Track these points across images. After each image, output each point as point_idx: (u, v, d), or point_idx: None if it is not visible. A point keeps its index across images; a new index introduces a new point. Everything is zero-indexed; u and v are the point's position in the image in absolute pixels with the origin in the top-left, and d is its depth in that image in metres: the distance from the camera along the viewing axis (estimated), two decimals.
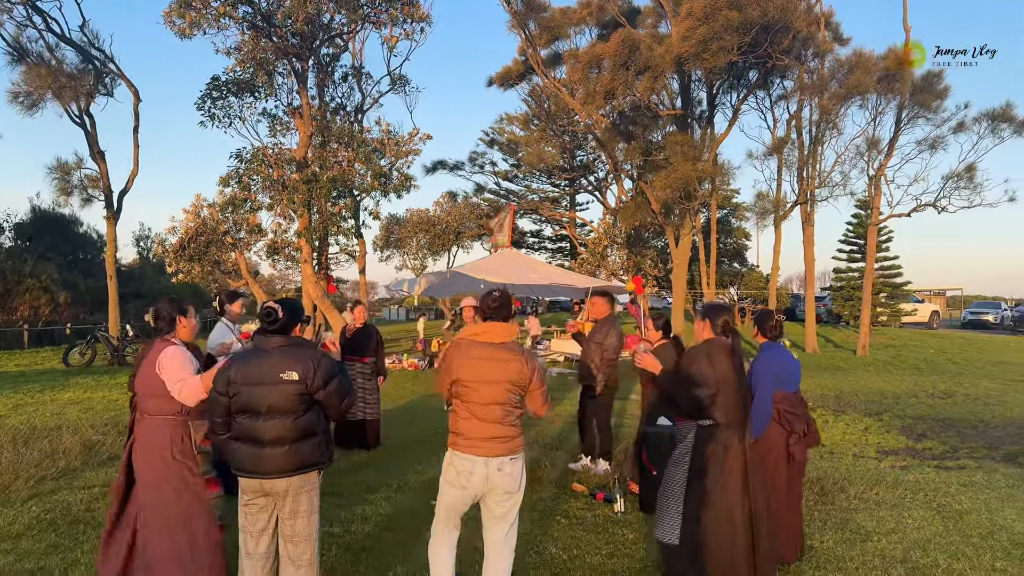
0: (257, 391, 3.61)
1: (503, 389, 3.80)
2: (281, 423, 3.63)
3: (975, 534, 5.64)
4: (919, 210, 21.34)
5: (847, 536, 5.56)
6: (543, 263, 25.22)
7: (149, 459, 4.01)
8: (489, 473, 3.80)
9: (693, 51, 15.86)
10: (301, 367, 3.64)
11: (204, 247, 17.17)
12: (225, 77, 17.39)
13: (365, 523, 5.74)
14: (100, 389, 13.71)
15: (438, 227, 47.59)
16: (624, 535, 5.56)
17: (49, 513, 5.85)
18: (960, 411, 12.79)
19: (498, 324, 3.95)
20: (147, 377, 4.02)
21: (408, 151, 18.22)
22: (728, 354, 4.29)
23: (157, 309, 4.23)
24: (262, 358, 3.68)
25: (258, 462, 3.64)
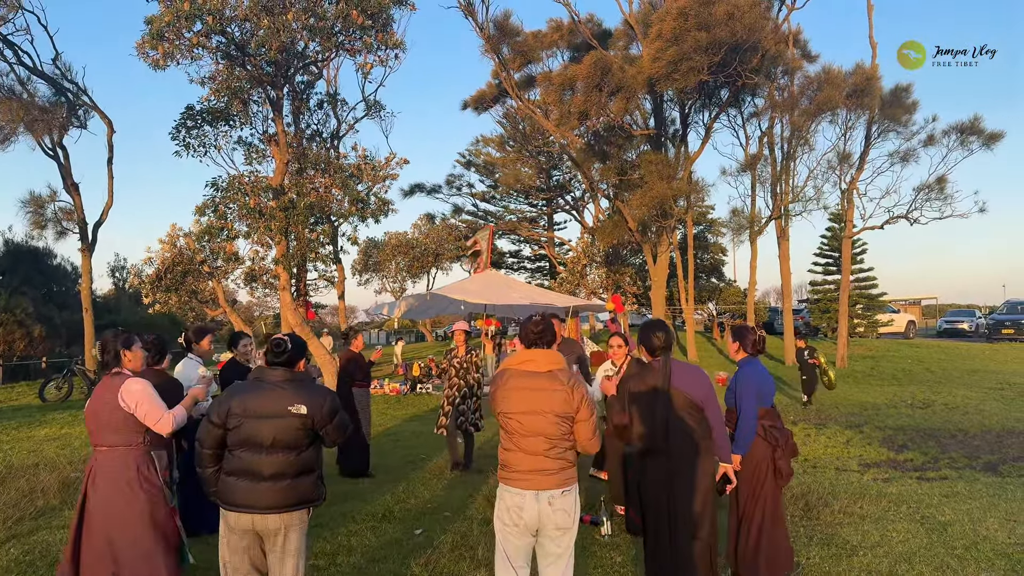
0: (262, 424, 3.58)
1: (548, 421, 3.60)
2: (284, 458, 3.61)
3: (959, 545, 5.69)
4: (892, 222, 21.67)
5: (833, 552, 5.59)
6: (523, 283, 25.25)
7: (115, 491, 3.97)
8: (540, 508, 3.60)
9: (664, 72, 16.06)
10: (311, 401, 3.64)
11: (181, 277, 17.02)
12: (200, 106, 17.30)
13: (351, 554, 5.68)
14: (77, 424, 13.51)
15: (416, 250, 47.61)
16: (612, 558, 5.55)
17: (28, 555, 5.74)
18: (939, 421, 12.94)
19: (542, 351, 3.76)
20: (107, 408, 4.00)
21: (385, 176, 18.16)
22: (655, 377, 4.25)
23: (103, 343, 4.23)
24: (267, 391, 3.65)
25: (254, 497, 3.58)
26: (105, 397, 4.03)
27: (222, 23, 14.41)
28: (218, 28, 14.43)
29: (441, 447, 10.39)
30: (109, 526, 3.97)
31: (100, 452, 4.04)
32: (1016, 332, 30.12)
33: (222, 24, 14.40)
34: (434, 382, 18.47)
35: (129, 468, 4.00)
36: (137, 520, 3.98)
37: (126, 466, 4.00)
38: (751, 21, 15.75)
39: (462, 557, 5.52)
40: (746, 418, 4.81)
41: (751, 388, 4.91)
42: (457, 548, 5.75)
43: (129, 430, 4.00)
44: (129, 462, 4.01)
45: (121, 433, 4.00)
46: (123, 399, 3.99)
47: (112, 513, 3.96)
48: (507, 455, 3.69)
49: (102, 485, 3.99)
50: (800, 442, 10.81)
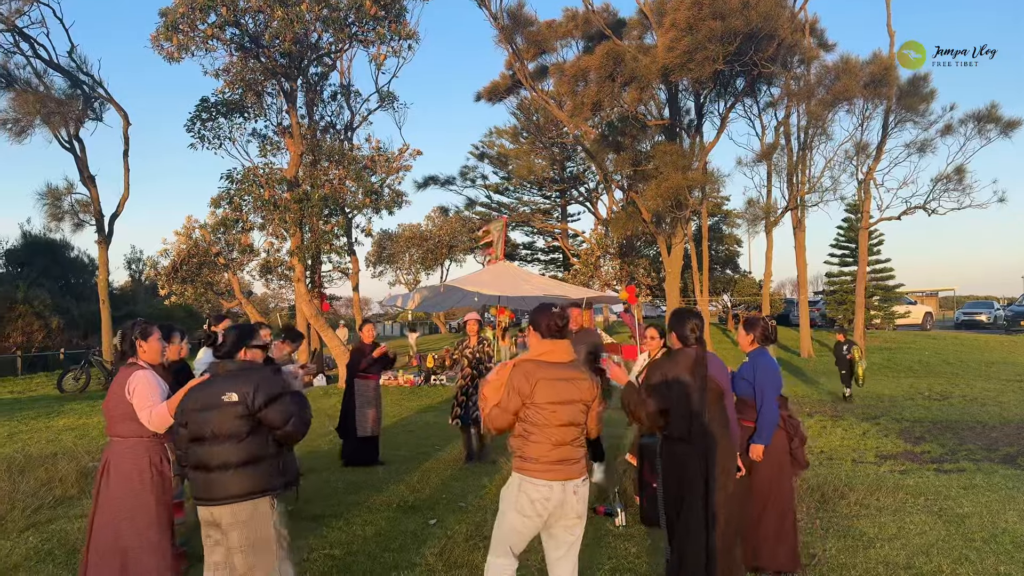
0: (202, 416, 3.58)
1: (578, 410, 3.68)
2: (225, 447, 3.57)
3: (977, 538, 5.64)
4: (909, 213, 21.46)
5: (850, 543, 5.54)
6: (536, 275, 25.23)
7: (126, 480, 3.99)
8: (565, 497, 3.62)
9: (678, 61, 15.94)
10: (241, 388, 3.59)
11: (196, 269, 17.12)
12: (214, 98, 17.40)
13: (366, 543, 5.70)
14: (95, 414, 13.62)
15: (430, 242, 47.69)
16: (626, 549, 5.53)
17: (46, 543, 5.79)
18: (957, 413, 12.83)
19: (563, 342, 3.78)
20: (117, 400, 4.04)
21: (399, 167, 18.20)
22: (689, 365, 4.22)
23: (122, 333, 4.23)
24: (210, 384, 3.68)
25: (206, 488, 3.58)
26: (116, 388, 4.07)
27: (236, 14, 14.47)
28: (232, 19, 14.50)
29: (454, 438, 10.41)
30: (119, 516, 3.99)
31: (114, 442, 4.08)
32: None
33: (236, 15, 14.46)
34: (447, 373, 18.48)
35: (140, 458, 4.02)
36: (144, 511, 4.00)
37: (137, 456, 4.02)
38: (766, 9, 15.61)
39: (476, 547, 5.52)
40: (769, 408, 4.80)
41: (771, 378, 4.91)
42: (471, 538, 5.75)
43: (139, 421, 4.02)
44: (140, 452, 4.03)
45: (132, 423, 4.02)
46: (127, 389, 4.01)
47: (122, 503, 3.99)
48: (532, 447, 3.64)
49: (114, 475, 4.02)
50: (816, 434, 10.77)
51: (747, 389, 4.93)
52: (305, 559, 5.32)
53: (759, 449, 4.82)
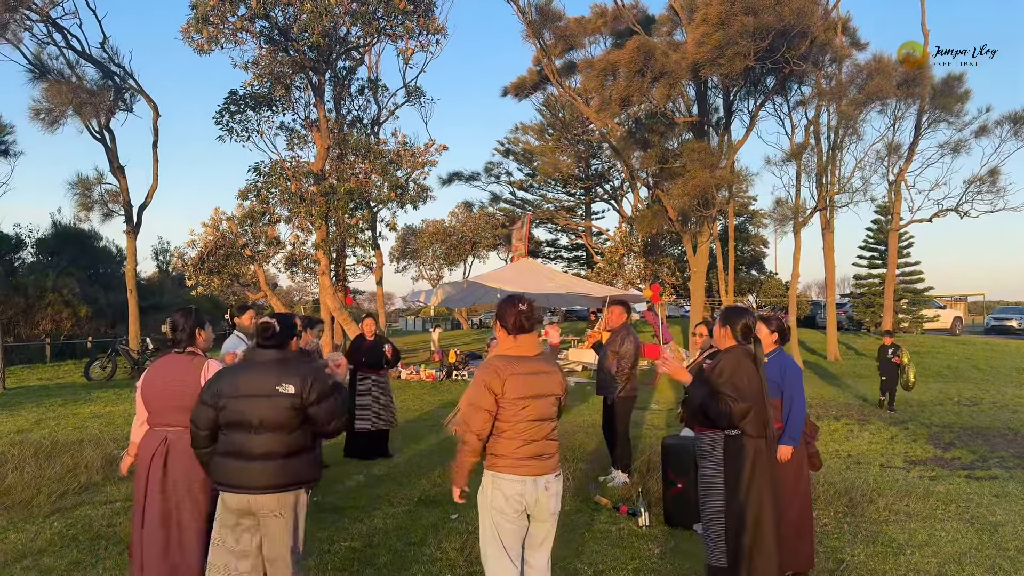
0: (249, 403, 3.53)
1: (551, 403, 3.65)
2: (273, 437, 3.54)
3: (1011, 547, 5.50)
4: (941, 215, 21.11)
5: (879, 549, 5.44)
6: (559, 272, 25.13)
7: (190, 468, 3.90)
8: (538, 494, 3.57)
9: (708, 57, 15.75)
10: (298, 379, 3.57)
11: (223, 260, 17.23)
12: (243, 91, 17.50)
13: (387, 536, 5.68)
14: (121, 403, 13.76)
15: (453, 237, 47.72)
16: (650, 549, 5.46)
17: (71, 528, 5.83)
18: (988, 419, 12.58)
19: (532, 336, 3.72)
20: (183, 389, 3.93)
21: (424, 162, 18.22)
22: (752, 362, 4.17)
23: (174, 321, 4.17)
24: (255, 370, 3.63)
25: (245, 477, 3.54)
26: (183, 376, 3.97)
27: (265, 7, 14.53)
28: (262, 12, 14.55)
29: None
30: (178, 505, 3.94)
31: (173, 431, 3.95)
32: None
33: (265, 8, 14.52)
34: (471, 369, 18.46)
35: None
36: (208, 503, 3.95)
37: None
38: (799, 6, 15.36)
39: None
40: (799, 410, 4.75)
41: (799, 379, 4.85)
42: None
43: None
44: None
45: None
46: (205, 379, 3.91)
47: (187, 494, 3.93)
48: (505, 443, 3.57)
49: (178, 464, 3.92)
50: (843, 438, 10.60)
51: (774, 390, 4.83)
52: (326, 551, 5.31)
53: (788, 450, 4.74)
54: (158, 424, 4.02)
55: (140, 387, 4.12)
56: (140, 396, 4.11)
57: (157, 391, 4.01)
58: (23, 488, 6.79)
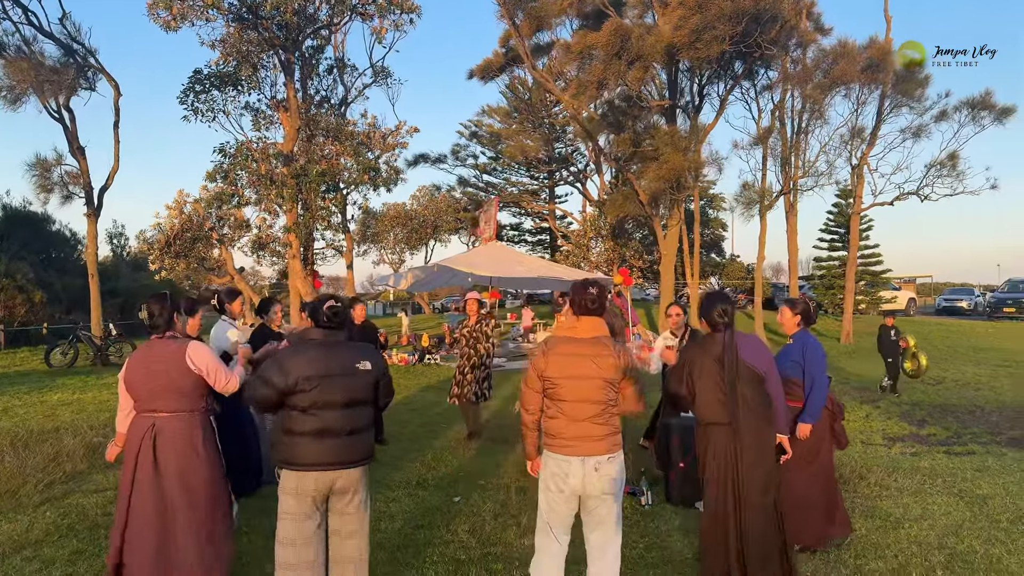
0: (337, 382, 3.63)
1: (595, 386, 3.63)
2: (362, 412, 3.73)
3: (1003, 519, 5.67)
4: (902, 198, 21.59)
5: (878, 524, 5.56)
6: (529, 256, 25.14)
7: (181, 457, 3.89)
8: (586, 473, 3.61)
9: (686, 40, 15.82)
10: (372, 358, 3.79)
11: (191, 243, 16.85)
12: (207, 70, 17.09)
13: (393, 520, 5.65)
14: (88, 390, 13.43)
15: (415, 221, 47.34)
16: (657, 527, 5.52)
17: (65, 518, 5.67)
18: (954, 397, 12.95)
19: (591, 319, 3.76)
20: (167, 373, 3.90)
21: (395, 144, 18.04)
22: (717, 351, 4.14)
23: (150, 306, 4.05)
24: (334, 350, 3.72)
25: (341, 453, 3.64)
26: (166, 360, 3.92)
27: None
28: None
29: (458, 416, 10.37)
30: (170, 492, 3.87)
31: (161, 417, 3.92)
32: (1017, 311, 30.20)
33: None
34: (443, 353, 18.40)
35: (195, 432, 3.94)
36: (202, 486, 3.92)
37: (192, 431, 3.93)
38: None
39: (507, 525, 5.49)
40: (820, 388, 4.86)
41: (822, 359, 4.94)
42: (500, 516, 5.72)
43: (196, 394, 3.95)
44: (195, 426, 3.95)
45: (188, 397, 3.92)
46: (192, 362, 3.91)
47: (178, 479, 3.87)
48: (552, 422, 3.68)
49: (166, 451, 3.88)
50: None
51: (795, 370, 4.93)
52: None
53: (807, 428, 4.85)
54: (145, 410, 3.97)
55: (123, 376, 4.05)
56: (123, 385, 4.05)
57: (141, 377, 3.96)
58: (8, 478, 6.59)
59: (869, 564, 4.78)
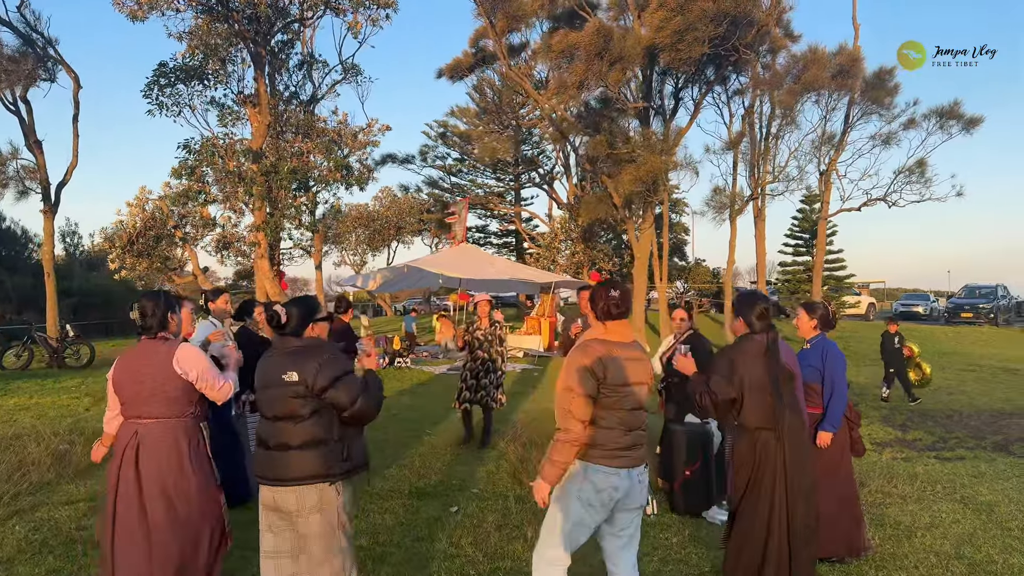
0: (265, 394, 3.44)
1: (645, 392, 3.49)
2: (285, 427, 3.38)
3: (1014, 527, 5.60)
4: (870, 204, 21.84)
5: (890, 532, 5.45)
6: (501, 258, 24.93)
7: (166, 466, 3.60)
8: (632, 486, 3.41)
9: (668, 41, 15.76)
10: (303, 367, 3.35)
11: (154, 242, 16.27)
12: (172, 63, 16.56)
13: (391, 533, 5.37)
14: (47, 394, 12.84)
15: (377, 222, 46.81)
16: (667, 539, 5.33)
17: (37, 533, 5.30)
18: (929, 402, 13.03)
19: (624, 323, 3.54)
20: (153, 377, 3.61)
21: (366, 142, 17.68)
22: (760, 353, 4.00)
23: (142, 306, 3.77)
24: (271, 359, 3.49)
25: (266, 467, 3.42)
26: (153, 363, 3.63)
27: None
28: None
29: (442, 420, 10.11)
30: (155, 504, 3.58)
31: (144, 424, 3.63)
32: (975, 315, 30.84)
33: None
34: (413, 356, 18.08)
35: (181, 441, 3.64)
36: (187, 500, 3.62)
37: (177, 439, 3.64)
38: None
39: (513, 537, 5.25)
40: (840, 395, 4.71)
41: (842, 365, 4.81)
42: (503, 527, 5.48)
43: (184, 400, 3.65)
44: (180, 434, 3.65)
45: (175, 403, 3.63)
46: (179, 366, 3.62)
47: (162, 490, 3.57)
48: (605, 433, 3.37)
49: (149, 460, 3.59)
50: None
51: (814, 375, 4.78)
52: None
53: (828, 436, 4.70)
54: (130, 416, 3.70)
55: (111, 376, 3.78)
56: (111, 386, 3.78)
57: (127, 380, 3.69)
58: None
59: (892, 575, 4.65)
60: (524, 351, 20.40)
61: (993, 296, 32.46)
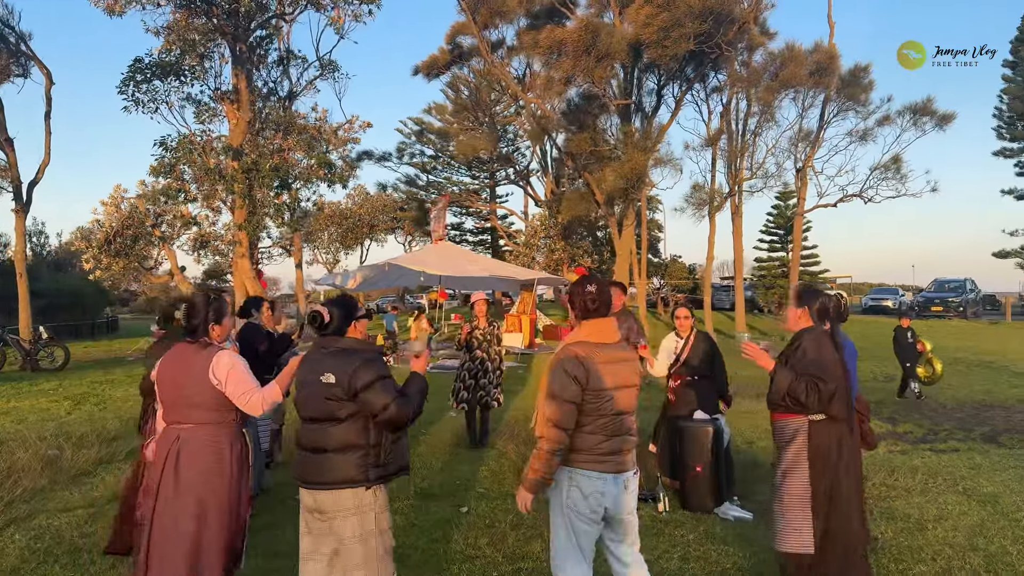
0: (302, 395, 3.41)
1: (633, 394, 3.39)
2: (322, 429, 3.33)
3: (1021, 518, 5.66)
4: (846, 200, 22.11)
5: (901, 526, 5.48)
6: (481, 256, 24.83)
7: (201, 472, 3.49)
8: (618, 493, 3.33)
9: (654, 38, 15.79)
10: (340, 369, 3.29)
11: (132, 241, 15.94)
12: (149, 59, 16.24)
13: (405, 535, 5.28)
14: (24, 397, 12.53)
15: (350, 220, 46.44)
16: (684, 536, 5.31)
17: (39, 541, 5.14)
18: (911, 394, 13.17)
19: (609, 321, 3.45)
20: (191, 384, 3.50)
21: (347, 139, 17.51)
22: (831, 343, 4.05)
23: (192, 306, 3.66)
24: (312, 358, 3.44)
25: (305, 470, 3.39)
26: (192, 370, 3.52)
27: None
28: None
29: (435, 421, 10.01)
30: (192, 511, 3.47)
31: (186, 429, 3.51)
32: (945, 309, 31.42)
33: None
34: (398, 355, 17.95)
35: (222, 447, 3.52)
36: (226, 509, 3.51)
37: (220, 445, 3.51)
38: None
39: (530, 537, 5.21)
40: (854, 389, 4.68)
41: (853, 358, 4.79)
42: (518, 527, 5.43)
43: (224, 406, 3.52)
44: (222, 440, 3.52)
45: (215, 410, 3.51)
46: (215, 375, 3.49)
47: (199, 498, 3.46)
48: (586, 438, 3.29)
49: (187, 466, 3.47)
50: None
51: None
52: None
53: None
54: (171, 421, 3.60)
55: (154, 376, 3.68)
56: (156, 387, 3.67)
57: (167, 384, 3.59)
58: None
59: (913, 568, 4.68)
60: (506, 349, 20.34)
61: (962, 290, 33.09)
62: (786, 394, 3.96)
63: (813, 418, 4.02)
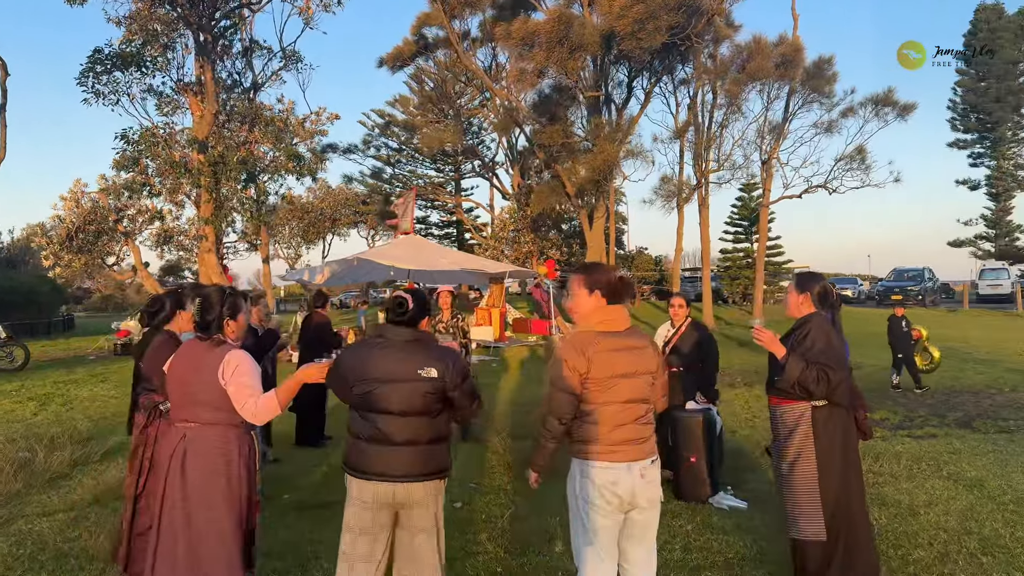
0: (390, 388, 3.25)
1: (644, 382, 3.30)
2: (417, 422, 3.26)
3: (1008, 501, 5.76)
4: (811, 191, 22.39)
5: (893, 512, 5.55)
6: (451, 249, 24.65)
7: (207, 474, 3.35)
8: (633, 482, 3.24)
9: (629, 30, 15.79)
10: (440, 363, 3.28)
11: (94, 237, 15.51)
12: (109, 50, 15.80)
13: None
14: None
15: (312, 214, 45.85)
16: (682, 526, 5.31)
17: (21, 547, 4.96)
18: (880, 382, 13.37)
19: (621, 308, 3.38)
20: (199, 382, 3.36)
21: (314, 131, 17.24)
22: (832, 328, 4.08)
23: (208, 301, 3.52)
24: (387, 350, 3.31)
25: (388, 464, 3.24)
26: (201, 368, 3.37)
27: None
28: None
29: None
30: (195, 514, 3.34)
31: (192, 428, 3.37)
32: (904, 298, 32.04)
33: None
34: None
35: (230, 449, 3.37)
36: (235, 512, 3.38)
37: (227, 447, 3.36)
38: None
39: (530, 531, 5.15)
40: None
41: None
42: (516, 521, 5.37)
43: (230, 407, 3.36)
44: (231, 441, 3.38)
45: (222, 410, 3.36)
46: (222, 375, 3.34)
47: (207, 501, 3.33)
48: (593, 428, 3.25)
49: (193, 467, 3.33)
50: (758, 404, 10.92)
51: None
52: None
53: None
54: (178, 419, 3.45)
55: (166, 369, 3.57)
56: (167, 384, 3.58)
57: (176, 381, 3.46)
58: None
59: (913, 553, 4.72)
60: (476, 342, 20.26)
61: (920, 279, 33.81)
62: (797, 382, 3.95)
63: (816, 404, 4.03)
